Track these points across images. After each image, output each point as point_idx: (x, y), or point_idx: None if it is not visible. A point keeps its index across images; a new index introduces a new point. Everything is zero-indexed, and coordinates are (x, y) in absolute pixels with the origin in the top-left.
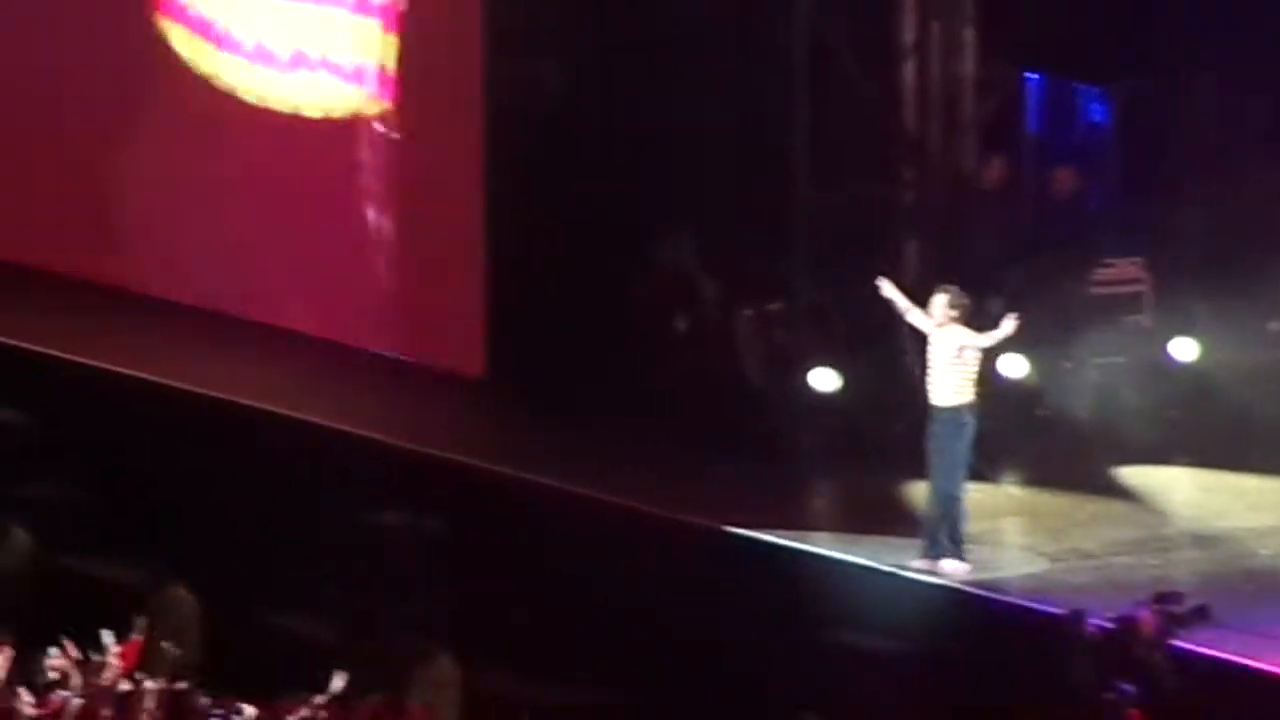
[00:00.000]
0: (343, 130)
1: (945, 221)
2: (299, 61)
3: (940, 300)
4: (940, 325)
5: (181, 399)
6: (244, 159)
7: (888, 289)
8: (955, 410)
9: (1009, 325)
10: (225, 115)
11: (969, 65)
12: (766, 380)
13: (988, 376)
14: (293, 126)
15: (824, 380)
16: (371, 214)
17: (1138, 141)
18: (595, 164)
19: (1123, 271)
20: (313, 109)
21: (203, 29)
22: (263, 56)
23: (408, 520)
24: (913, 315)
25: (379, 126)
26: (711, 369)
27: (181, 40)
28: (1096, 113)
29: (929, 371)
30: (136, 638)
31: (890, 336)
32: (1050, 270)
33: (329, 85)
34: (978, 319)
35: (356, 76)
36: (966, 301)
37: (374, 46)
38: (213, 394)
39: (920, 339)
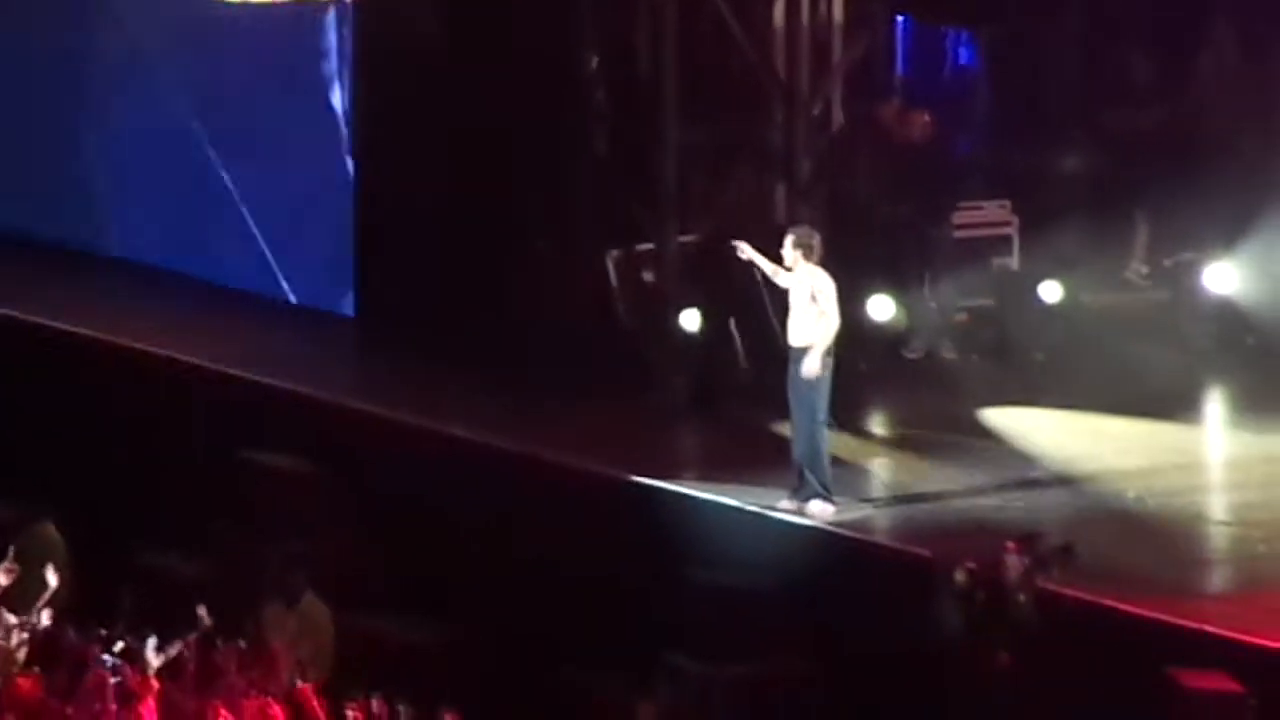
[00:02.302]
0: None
1: (815, 163)
2: None
3: (787, 241)
4: (791, 266)
5: (51, 336)
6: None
7: (746, 251)
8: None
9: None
10: None
11: (838, 8)
12: (636, 321)
13: (855, 319)
14: None
15: (693, 321)
16: (245, 153)
17: (1006, 84)
18: (465, 106)
19: (990, 214)
20: None
21: None
22: None
23: (279, 459)
24: (779, 277)
25: None
26: (581, 310)
27: None
28: (965, 55)
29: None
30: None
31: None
32: (917, 213)
33: None
34: (855, 260)
35: None
36: (812, 241)
37: None
38: (83, 331)
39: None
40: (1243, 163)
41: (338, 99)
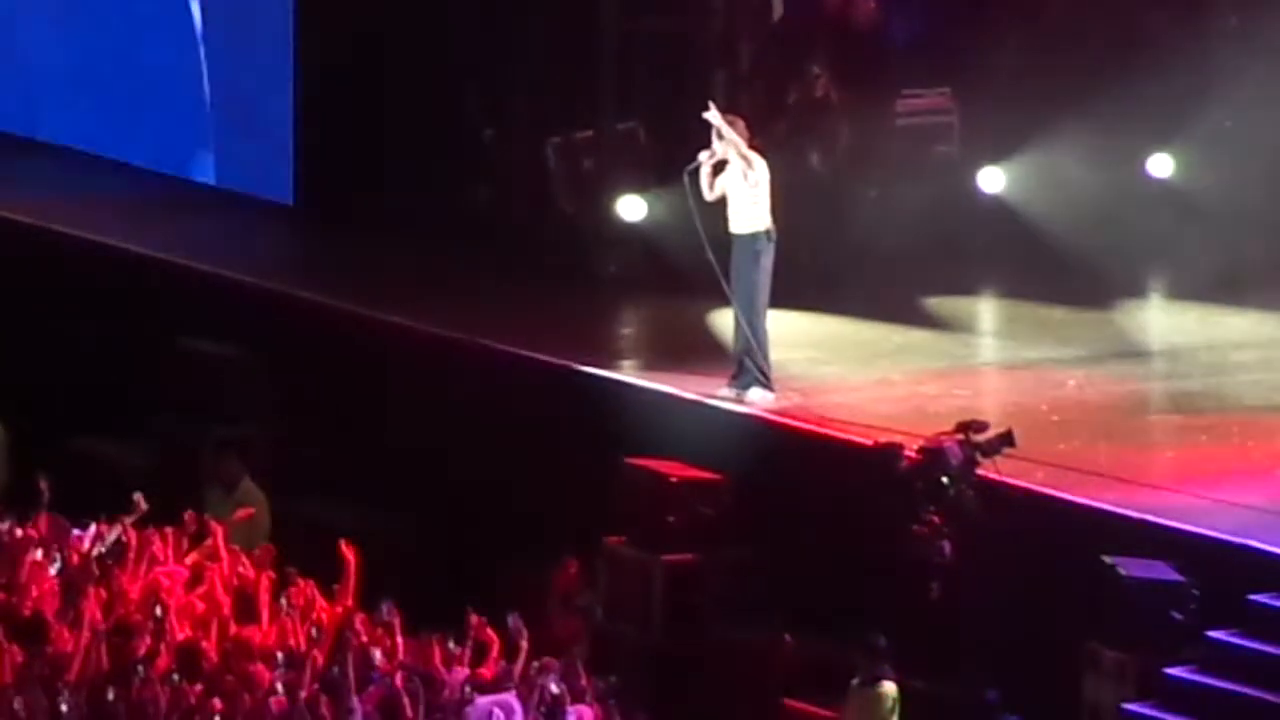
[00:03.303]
0: None
1: (756, 51)
2: None
3: (713, 116)
4: (724, 156)
5: None
6: None
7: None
8: (751, 237)
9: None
10: None
11: None
12: (575, 208)
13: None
14: None
15: (632, 208)
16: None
17: None
18: None
19: (931, 101)
20: None
21: None
22: None
23: (215, 346)
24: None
25: None
26: (521, 197)
27: None
28: None
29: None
30: None
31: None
32: (858, 100)
33: None
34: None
35: None
36: (737, 125)
37: None
38: (21, 219)
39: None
40: (1181, 52)
41: None
